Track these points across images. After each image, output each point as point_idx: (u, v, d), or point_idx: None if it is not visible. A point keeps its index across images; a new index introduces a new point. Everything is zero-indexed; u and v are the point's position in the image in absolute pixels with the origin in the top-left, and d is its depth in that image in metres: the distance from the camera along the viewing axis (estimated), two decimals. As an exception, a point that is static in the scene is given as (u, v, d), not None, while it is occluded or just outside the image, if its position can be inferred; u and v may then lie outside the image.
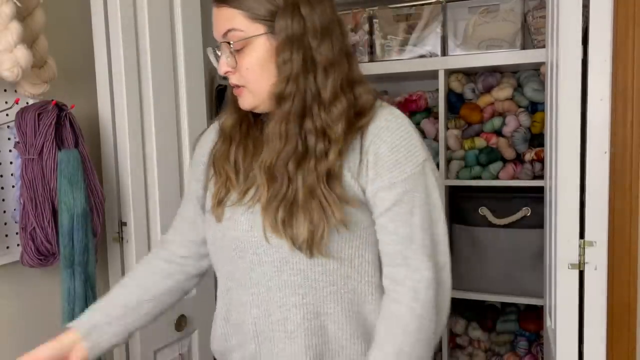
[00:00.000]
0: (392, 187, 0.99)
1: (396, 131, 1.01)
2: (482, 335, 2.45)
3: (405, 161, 1.00)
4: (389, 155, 1.00)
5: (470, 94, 2.37)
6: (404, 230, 1.00)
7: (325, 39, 1.00)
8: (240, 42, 1.00)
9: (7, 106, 1.42)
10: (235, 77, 1.03)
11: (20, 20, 1.32)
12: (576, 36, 1.34)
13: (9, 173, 1.45)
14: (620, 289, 1.47)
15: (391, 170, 0.99)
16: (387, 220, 1.01)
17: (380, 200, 1.00)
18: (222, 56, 1.03)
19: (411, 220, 1.00)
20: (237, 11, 0.99)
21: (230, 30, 1.00)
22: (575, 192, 1.37)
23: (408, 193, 1.00)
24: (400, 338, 0.99)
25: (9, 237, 1.45)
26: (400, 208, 1.00)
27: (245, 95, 1.04)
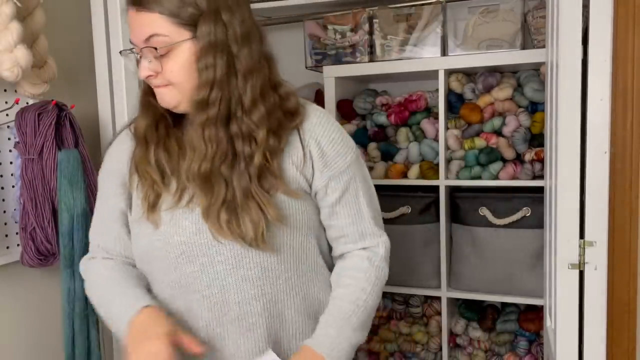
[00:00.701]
0: (340, 175, 1.12)
1: (330, 126, 1.14)
2: (482, 335, 2.45)
3: (344, 151, 1.14)
4: (331, 147, 1.12)
5: (470, 94, 2.37)
6: (355, 211, 1.15)
7: (245, 44, 1.03)
8: (165, 48, 1.00)
9: (7, 106, 1.42)
10: (159, 80, 1.04)
11: (20, 20, 1.32)
12: (576, 36, 1.34)
13: (9, 173, 1.45)
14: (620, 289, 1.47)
15: (336, 161, 1.12)
16: (340, 207, 1.14)
17: (332, 190, 1.13)
18: (144, 60, 1.02)
19: (358, 201, 1.15)
20: (160, 16, 0.99)
21: (153, 35, 1.00)
22: (575, 192, 1.37)
23: (352, 178, 1.14)
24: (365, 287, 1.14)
25: (9, 237, 1.45)
26: (348, 193, 1.14)
27: (169, 91, 1.05)
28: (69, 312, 1.44)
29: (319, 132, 1.11)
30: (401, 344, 2.50)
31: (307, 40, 2.42)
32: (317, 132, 1.11)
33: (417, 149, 2.36)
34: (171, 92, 1.04)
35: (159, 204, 1.06)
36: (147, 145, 1.08)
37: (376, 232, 1.18)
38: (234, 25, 1.01)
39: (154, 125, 1.09)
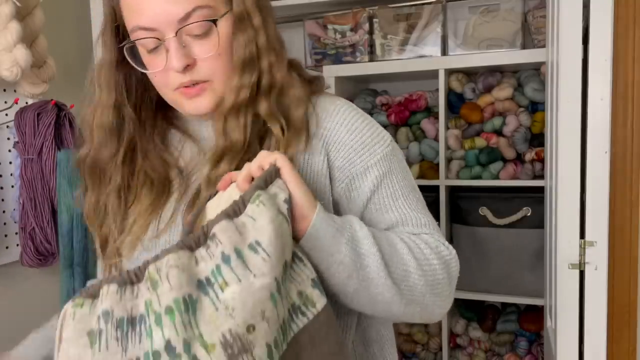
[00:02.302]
0: (364, 172, 0.83)
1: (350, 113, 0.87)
2: (482, 335, 2.45)
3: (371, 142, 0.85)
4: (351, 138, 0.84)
5: (471, 94, 2.37)
6: (396, 216, 0.83)
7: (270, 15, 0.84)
8: (206, 24, 0.77)
9: (6, 106, 1.42)
10: (198, 71, 0.79)
11: (19, 19, 1.31)
12: (576, 36, 1.34)
13: (9, 173, 1.45)
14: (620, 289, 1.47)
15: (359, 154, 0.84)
16: (368, 211, 0.84)
17: (356, 193, 0.83)
18: (175, 49, 0.77)
19: (397, 203, 0.83)
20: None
21: (196, 8, 0.76)
22: (575, 192, 1.37)
23: (384, 176, 0.84)
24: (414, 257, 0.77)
25: (8, 237, 1.45)
26: (379, 194, 0.83)
27: (208, 94, 0.81)
28: (68, 312, 1.44)
29: (335, 116, 0.84)
30: (401, 344, 2.50)
31: (307, 40, 2.42)
32: (332, 115, 0.85)
33: (417, 149, 2.36)
34: (207, 95, 0.81)
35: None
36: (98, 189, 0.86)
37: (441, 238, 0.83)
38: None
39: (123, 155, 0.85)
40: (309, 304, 0.66)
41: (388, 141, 0.86)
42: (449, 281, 0.80)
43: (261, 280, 0.60)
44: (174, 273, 0.58)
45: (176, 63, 0.77)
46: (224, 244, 0.60)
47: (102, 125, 0.85)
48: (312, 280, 0.67)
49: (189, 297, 0.58)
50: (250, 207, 0.63)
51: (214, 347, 0.57)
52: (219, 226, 0.62)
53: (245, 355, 0.58)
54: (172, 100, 0.84)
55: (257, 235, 0.61)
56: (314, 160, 0.82)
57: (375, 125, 0.87)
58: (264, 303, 0.60)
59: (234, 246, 0.60)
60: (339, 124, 0.84)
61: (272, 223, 0.62)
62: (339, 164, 0.83)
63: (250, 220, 0.63)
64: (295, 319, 0.65)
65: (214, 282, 0.60)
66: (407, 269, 0.75)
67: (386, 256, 0.73)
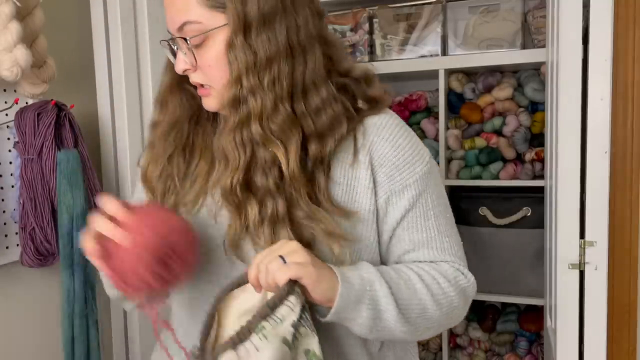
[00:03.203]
0: (403, 190, 0.88)
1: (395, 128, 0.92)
2: (482, 335, 2.45)
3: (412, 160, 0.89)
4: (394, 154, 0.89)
5: (471, 94, 2.37)
6: (424, 236, 0.89)
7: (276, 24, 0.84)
8: (198, 37, 0.83)
9: (6, 106, 1.42)
10: (197, 76, 0.87)
11: (19, 20, 1.31)
12: (576, 36, 1.34)
13: (9, 173, 1.45)
14: (620, 289, 1.47)
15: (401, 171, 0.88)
16: (401, 229, 0.89)
17: (392, 208, 0.88)
18: (179, 52, 0.86)
19: (427, 224, 0.89)
20: (195, 1, 0.82)
21: (186, 23, 0.83)
22: (575, 192, 1.37)
23: (421, 195, 0.89)
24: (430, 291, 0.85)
25: (8, 237, 1.45)
26: (413, 213, 0.88)
27: (213, 95, 0.88)
28: (68, 312, 1.43)
29: (381, 131, 0.88)
30: (401, 344, 2.50)
31: (307, 40, 2.41)
32: (378, 134, 0.88)
33: (417, 149, 2.36)
34: (213, 95, 0.87)
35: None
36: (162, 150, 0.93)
37: (461, 265, 0.90)
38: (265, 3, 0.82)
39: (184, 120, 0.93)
40: None
41: (427, 159, 0.90)
42: (465, 305, 0.89)
43: None
44: None
45: (177, 66, 0.87)
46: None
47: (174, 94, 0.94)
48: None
49: None
50: (255, 337, 0.69)
51: None
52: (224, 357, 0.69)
53: None
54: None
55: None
56: (360, 174, 0.87)
57: (417, 142, 0.91)
58: None
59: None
60: (384, 139, 0.88)
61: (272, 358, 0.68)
62: (380, 179, 0.88)
63: (254, 350, 0.69)
64: None
65: None
66: (424, 308, 0.83)
67: (403, 306, 0.81)
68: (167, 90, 0.94)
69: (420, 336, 0.87)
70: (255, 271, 0.76)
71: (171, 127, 0.93)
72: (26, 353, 1.50)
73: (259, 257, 0.77)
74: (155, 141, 0.95)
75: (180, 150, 0.93)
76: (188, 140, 0.94)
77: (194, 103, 0.94)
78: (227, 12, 0.81)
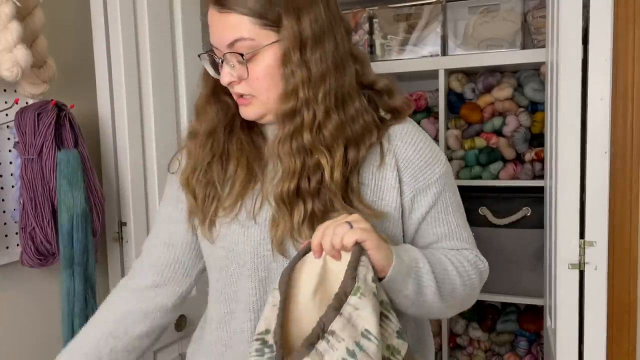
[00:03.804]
0: (427, 188, 0.98)
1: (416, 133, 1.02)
2: (482, 335, 2.45)
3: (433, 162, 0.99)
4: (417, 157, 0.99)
5: (470, 94, 2.37)
6: (446, 229, 1.00)
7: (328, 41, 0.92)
8: (250, 53, 0.90)
9: (6, 106, 1.42)
10: (241, 87, 0.94)
11: (19, 20, 1.31)
12: (576, 36, 1.34)
13: (9, 173, 1.45)
14: (620, 289, 1.47)
15: (423, 172, 0.98)
16: (426, 224, 1.00)
17: (418, 205, 0.99)
18: (226, 66, 0.92)
19: (448, 218, 1.01)
20: (246, 17, 0.88)
21: (238, 39, 0.89)
22: (575, 192, 1.37)
23: (441, 193, 1.00)
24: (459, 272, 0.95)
25: (8, 237, 1.45)
26: (435, 210, 0.99)
27: (254, 104, 0.95)
28: (68, 312, 1.43)
29: (405, 136, 0.98)
30: (401, 344, 2.50)
31: (307, 40, 2.41)
32: (401, 139, 0.98)
33: (417, 149, 2.36)
34: (255, 105, 0.95)
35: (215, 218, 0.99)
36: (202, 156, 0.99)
37: (478, 252, 1.02)
38: (315, 23, 0.90)
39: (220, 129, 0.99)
40: (395, 353, 0.80)
41: (444, 160, 1.01)
42: (480, 284, 1.01)
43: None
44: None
45: (222, 79, 0.93)
46: (347, 341, 0.74)
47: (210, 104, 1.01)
48: (396, 333, 0.81)
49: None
50: (353, 298, 0.77)
51: None
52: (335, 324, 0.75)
53: None
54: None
55: (365, 324, 0.75)
56: (387, 175, 0.96)
57: (435, 146, 1.02)
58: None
59: (354, 341, 0.74)
60: (407, 143, 0.98)
61: (374, 312, 0.76)
62: (406, 179, 0.97)
63: (355, 311, 0.76)
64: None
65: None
66: (454, 287, 0.94)
67: (439, 282, 0.91)
68: (205, 101, 1.01)
69: (447, 313, 0.98)
70: (320, 236, 0.83)
71: (208, 136, 1.00)
72: (26, 353, 1.50)
73: (325, 224, 0.84)
74: (193, 149, 1.01)
75: (217, 157, 1.00)
76: (224, 147, 1.00)
77: (229, 113, 1.00)
78: (282, 30, 0.89)
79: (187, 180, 1.02)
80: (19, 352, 1.48)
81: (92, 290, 1.48)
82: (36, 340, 1.52)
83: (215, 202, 0.99)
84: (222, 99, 1.00)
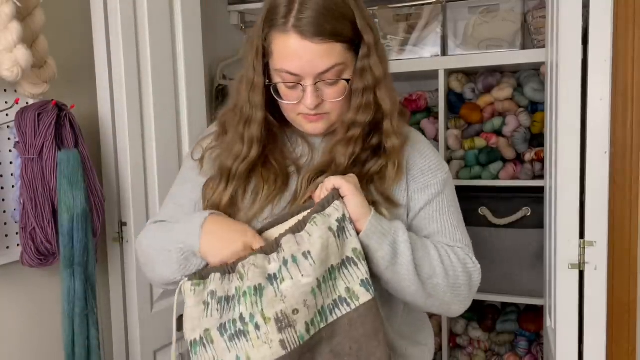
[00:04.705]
0: (426, 188, 1.04)
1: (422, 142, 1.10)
2: (482, 335, 2.45)
3: (436, 167, 1.07)
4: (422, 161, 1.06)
5: (470, 94, 2.37)
6: (439, 226, 1.04)
7: (385, 61, 1.02)
8: (338, 75, 0.96)
9: (7, 106, 1.42)
10: (320, 108, 0.99)
11: (20, 20, 1.31)
12: (576, 36, 1.34)
13: (9, 173, 1.45)
14: (620, 289, 1.47)
15: (425, 174, 1.06)
16: (419, 219, 1.04)
17: (415, 202, 1.04)
18: (312, 90, 0.96)
19: (442, 218, 1.05)
20: (341, 45, 0.94)
21: (335, 65, 0.94)
22: (575, 192, 1.37)
23: (438, 195, 1.05)
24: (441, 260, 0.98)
25: (9, 237, 1.45)
26: (431, 207, 1.04)
27: (324, 121, 1.01)
28: (69, 312, 1.43)
29: (415, 144, 1.07)
30: (401, 344, 2.50)
31: (307, 40, 2.41)
32: (412, 147, 1.07)
33: (417, 149, 2.36)
34: (325, 121, 1.01)
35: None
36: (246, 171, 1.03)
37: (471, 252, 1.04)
38: (381, 47, 1.00)
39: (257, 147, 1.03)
40: (354, 297, 0.90)
41: (446, 169, 1.09)
42: (469, 287, 1.01)
43: (307, 279, 0.87)
44: (252, 269, 0.89)
45: (310, 103, 0.97)
46: (286, 252, 0.89)
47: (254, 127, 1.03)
48: (361, 281, 0.90)
49: (259, 286, 0.88)
50: (308, 225, 0.90)
51: (270, 320, 0.86)
52: (285, 239, 0.90)
53: (290, 329, 0.86)
54: (293, 120, 1.04)
55: (309, 247, 0.88)
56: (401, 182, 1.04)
57: (440, 157, 1.10)
58: (307, 295, 0.87)
59: (292, 254, 0.88)
60: (415, 150, 1.06)
61: (320, 238, 0.88)
62: (409, 179, 1.05)
63: (307, 235, 0.89)
64: (340, 307, 0.90)
65: (278, 277, 0.88)
66: (434, 270, 0.96)
67: (417, 259, 0.95)
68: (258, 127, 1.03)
69: (426, 302, 0.98)
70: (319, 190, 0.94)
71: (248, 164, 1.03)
72: (26, 353, 1.50)
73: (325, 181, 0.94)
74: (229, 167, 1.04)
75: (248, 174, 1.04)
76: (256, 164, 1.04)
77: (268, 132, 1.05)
78: (364, 52, 0.97)
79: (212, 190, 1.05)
80: (19, 352, 1.49)
81: (92, 290, 1.48)
82: (36, 340, 1.52)
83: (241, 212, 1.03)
84: (270, 120, 1.05)
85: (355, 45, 0.97)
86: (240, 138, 1.03)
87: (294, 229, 0.91)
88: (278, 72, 0.97)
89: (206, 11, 2.00)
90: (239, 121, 1.04)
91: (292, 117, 1.03)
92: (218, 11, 2.42)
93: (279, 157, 1.05)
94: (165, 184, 1.75)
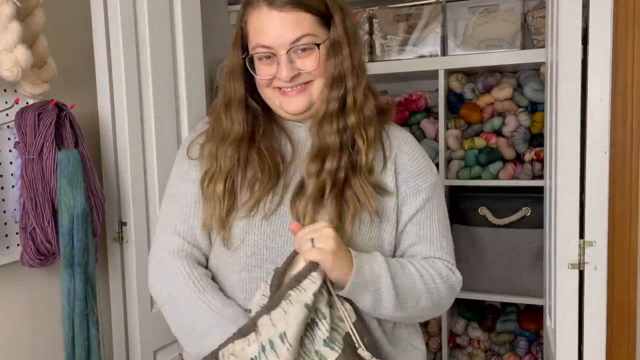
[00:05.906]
0: (417, 193, 1.07)
1: (413, 144, 1.12)
2: (482, 335, 2.45)
3: (425, 171, 1.10)
4: (412, 164, 1.09)
5: (470, 94, 2.37)
6: (428, 233, 1.08)
7: (358, 43, 1.06)
8: (309, 45, 0.99)
9: (7, 106, 1.42)
10: (297, 79, 1.02)
11: (20, 20, 1.31)
12: (576, 36, 1.34)
13: (9, 173, 1.45)
14: (620, 289, 1.47)
15: (415, 179, 1.08)
16: (411, 225, 1.08)
17: (407, 207, 1.07)
18: (285, 62, 0.99)
19: (432, 224, 1.08)
20: (309, 15, 0.99)
21: (305, 35, 0.99)
22: (575, 192, 1.37)
23: (429, 201, 1.08)
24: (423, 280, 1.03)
25: (9, 237, 1.45)
26: (422, 214, 1.08)
27: (302, 96, 1.03)
28: (69, 312, 1.43)
29: (403, 145, 1.09)
30: (401, 343, 2.50)
31: (307, 40, 2.41)
32: (401, 143, 1.09)
33: (417, 149, 2.36)
34: (304, 96, 1.03)
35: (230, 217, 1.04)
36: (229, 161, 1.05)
37: (453, 264, 1.09)
38: (351, 25, 1.04)
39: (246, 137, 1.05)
40: (322, 359, 0.90)
41: (435, 172, 1.12)
42: (450, 298, 1.09)
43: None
44: (232, 359, 0.91)
45: (285, 75, 1.00)
46: (263, 337, 0.89)
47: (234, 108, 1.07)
48: (323, 341, 0.91)
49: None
50: (283, 302, 0.90)
51: None
52: (260, 321, 0.91)
53: None
54: (269, 98, 1.05)
55: (285, 328, 0.88)
56: (388, 179, 1.06)
57: (428, 158, 1.13)
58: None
59: (269, 339, 0.88)
60: (404, 152, 1.09)
61: (296, 318, 0.88)
62: (399, 183, 1.07)
63: (282, 313, 0.89)
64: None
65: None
66: (419, 299, 1.02)
67: (400, 294, 0.99)
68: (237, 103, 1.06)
69: (413, 320, 1.10)
70: (297, 244, 0.95)
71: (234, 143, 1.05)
72: (26, 353, 1.50)
73: (301, 233, 0.95)
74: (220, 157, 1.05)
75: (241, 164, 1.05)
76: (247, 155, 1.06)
77: (255, 120, 1.07)
78: (333, 27, 1.01)
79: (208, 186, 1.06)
80: (19, 351, 1.49)
81: (92, 290, 1.48)
82: (36, 340, 1.52)
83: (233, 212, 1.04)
84: (251, 104, 1.08)
85: (327, 21, 1.01)
86: (225, 118, 1.07)
87: (269, 307, 0.91)
88: (254, 50, 1.02)
89: (206, 11, 2.00)
90: (223, 105, 1.08)
91: (270, 95, 1.05)
92: (218, 11, 2.42)
93: (270, 148, 1.07)
94: (165, 183, 1.74)
